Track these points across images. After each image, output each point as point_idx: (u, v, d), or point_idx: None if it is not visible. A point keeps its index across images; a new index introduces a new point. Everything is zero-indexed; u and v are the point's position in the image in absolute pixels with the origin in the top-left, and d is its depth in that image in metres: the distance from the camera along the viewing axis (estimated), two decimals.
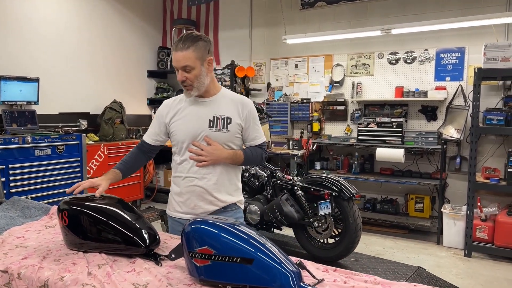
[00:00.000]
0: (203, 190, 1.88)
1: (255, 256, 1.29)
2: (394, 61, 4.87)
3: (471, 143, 3.96)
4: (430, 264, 3.72)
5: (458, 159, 4.51)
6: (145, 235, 1.59)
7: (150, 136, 2.01)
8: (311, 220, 3.31)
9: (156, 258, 1.55)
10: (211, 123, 1.86)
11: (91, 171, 4.90)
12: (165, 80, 6.65)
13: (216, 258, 1.31)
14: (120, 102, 5.55)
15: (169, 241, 1.81)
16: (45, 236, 1.84)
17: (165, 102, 2.00)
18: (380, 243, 4.35)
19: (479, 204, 4.03)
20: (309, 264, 1.49)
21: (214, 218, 1.45)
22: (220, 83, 5.62)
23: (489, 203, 4.22)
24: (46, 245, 1.72)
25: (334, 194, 3.20)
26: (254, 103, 4.29)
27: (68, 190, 1.76)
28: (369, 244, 4.26)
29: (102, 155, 5.06)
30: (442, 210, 4.29)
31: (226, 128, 1.87)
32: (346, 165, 5.06)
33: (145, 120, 6.38)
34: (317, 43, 5.22)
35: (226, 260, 1.30)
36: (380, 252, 4.05)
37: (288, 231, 3.82)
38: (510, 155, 3.77)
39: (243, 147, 1.99)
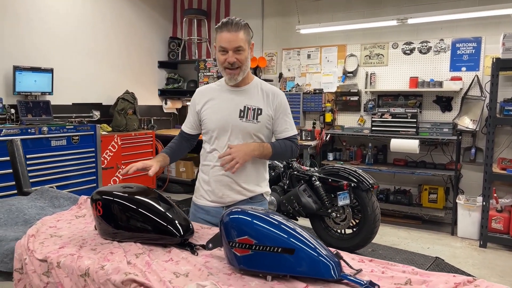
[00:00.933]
0: (231, 180, 1.89)
1: (296, 246, 1.30)
2: (408, 51, 4.83)
3: (488, 134, 3.94)
4: (446, 254, 3.73)
5: (473, 150, 4.49)
6: (179, 225, 1.61)
7: (187, 125, 2.05)
8: (329, 210, 3.32)
9: (192, 248, 1.56)
10: (242, 113, 1.85)
11: (105, 161, 4.93)
12: (175, 71, 6.64)
13: (257, 248, 1.32)
14: (132, 92, 5.56)
15: (200, 230, 1.82)
16: (76, 225, 1.86)
17: (198, 89, 2.01)
18: (394, 234, 4.36)
19: (495, 195, 4.03)
20: (344, 254, 1.50)
21: (252, 208, 1.46)
22: None
23: (504, 194, 4.21)
24: (79, 234, 1.74)
25: (352, 185, 3.21)
26: None
27: (121, 172, 1.80)
28: (383, 235, 4.28)
29: (115, 145, 5.08)
30: (457, 201, 4.28)
31: (256, 119, 1.86)
32: (359, 156, 5.05)
33: (156, 111, 6.39)
34: (330, 33, 5.18)
35: (267, 250, 1.31)
36: (395, 242, 4.06)
37: (304, 222, 3.82)
38: None
39: (273, 140, 1.98)
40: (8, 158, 3.82)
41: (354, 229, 3.36)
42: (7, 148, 2.28)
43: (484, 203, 3.98)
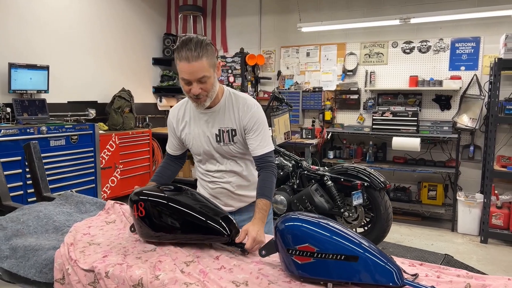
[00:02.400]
0: (229, 192, 1.90)
1: (360, 253, 1.29)
2: (408, 50, 4.89)
3: (489, 132, 4.03)
4: (451, 251, 3.81)
5: (471, 148, 4.60)
6: (226, 224, 1.58)
7: (171, 148, 2.01)
8: (342, 210, 3.33)
9: (243, 248, 1.54)
10: (218, 137, 1.80)
11: (103, 161, 4.81)
12: (170, 68, 6.53)
13: (319, 256, 1.30)
14: (129, 90, 5.43)
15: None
16: (110, 232, 1.80)
17: (171, 112, 1.93)
18: (396, 231, 4.42)
19: (496, 192, 4.13)
20: (394, 259, 1.50)
21: (304, 214, 1.44)
22: (230, 71, 5.58)
23: (502, 191, 4.33)
24: (117, 241, 1.68)
25: (366, 184, 3.23)
26: (275, 91, 4.26)
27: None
28: None
29: (113, 144, 4.96)
30: (458, 198, 4.38)
31: (232, 140, 1.80)
32: (359, 154, 5.10)
33: (151, 109, 6.28)
34: (329, 31, 5.19)
35: (330, 257, 1.29)
36: (399, 239, 4.12)
37: None
38: None
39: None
40: (7, 159, 3.72)
41: (365, 228, 3.39)
42: (24, 152, 2.18)
43: (485, 200, 4.08)
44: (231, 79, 5.63)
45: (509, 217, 4.05)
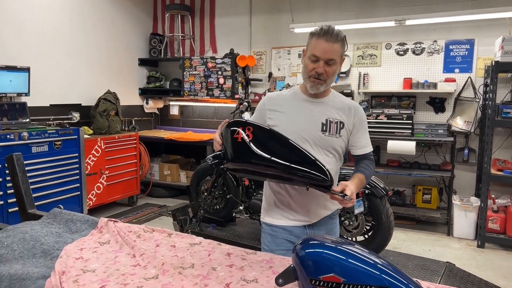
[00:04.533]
0: (316, 195, 1.74)
1: (391, 283, 1.17)
2: (402, 52, 4.83)
3: (486, 136, 3.99)
4: (450, 257, 3.75)
5: (466, 151, 4.56)
6: (326, 169, 1.54)
7: None
8: (342, 218, 3.23)
9: (343, 194, 1.53)
10: (324, 126, 1.73)
11: (88, 167, 4.59)
12: (157, 69, 6.33)
13: (347, 287, 1.18)
14: (114, 92, 5.22)
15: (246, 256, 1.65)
16: (104, 255, 1.64)
17: (269, 95, 1.87)
18: (392, 236, 4.34)
19: (493, 196, 4.10)
20: (420, 282, 1.39)
21: (325, 238, 1.31)
22: (220, 72, 5.43)
23: (497, 194, 4.30)
24: (114, 267, 1.52)
25: (367, 191, 3.13)
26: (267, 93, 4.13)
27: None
28: None
29: (99, 149, 4.75)
30: (453, 201, 4.33)
31: (339, 133, 1.74)
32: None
33: (137, 111, 6.07)
34: None
35: None
36: (396, 245, 4.05)
37: None
38: None
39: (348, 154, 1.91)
40: None
41: (366, 236, 3.30)
42: (5, 161, 1.99)
43: (482, 204, 4.04)
44: (221, 80, 5.47)
45: (506, 221, 4.02)
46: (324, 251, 1.24)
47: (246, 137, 1.53)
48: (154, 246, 1.73)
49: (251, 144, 1.53)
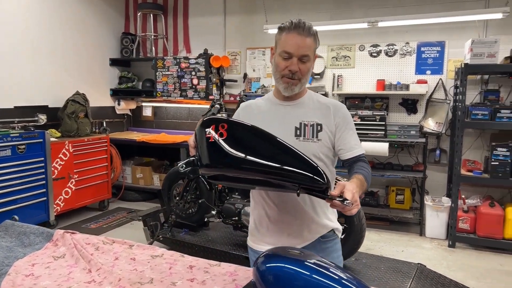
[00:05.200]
0: (301, 208, 1.56)
1: None
2: (375, 54, 4.85)
3: (456, 137, 4.04)
4: (421, 257, 3.78)
5: (437, 152, 4.62)
6: (321, 170, 1.26)
7: None
8: None
9: (342, 199, 1.21)
10: (298, 131, 1.56)
11: (55, 171, 4.42)
12: (129, 69, 6.17)
13: None
14: (83, 94, 5.05)
15: (209, 269, 1.58)
16: (58, 270, 1.54)
17: (245, 104, 1.72)
18: (366, 237, 4.33)
19: (463, 196, 4.16)
20: None
21: (288, 251, 1.26)
22: (194, 73, 5.33)
23: (467, 194, 4.37)
24: (66, 284, 1.43)
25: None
26: (242, 96, 4.06)
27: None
28: None
29: (67, 153, 4.58)
30: (425, 202, 4.38)
31: (316, 136, 1.55)
32: None
33: (109, 113, 5.91)
34: None
35: None
36: (369, 246, 4.06)
37: None
38: (494, 149, 3.90)
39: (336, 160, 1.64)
40: None
41: None
42: None
43: (452, 204, 4.10)
44: (195, 81, 5.38)
45: (475, 221, 4.08)
46: (286, 265, 1.19)
47: (216, 135, 1.30)
48: (112, 259, 1.64)
49: (222, 142, 1.29)
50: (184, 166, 3.55)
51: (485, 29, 4.37)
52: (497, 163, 3.87)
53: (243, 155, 1.28)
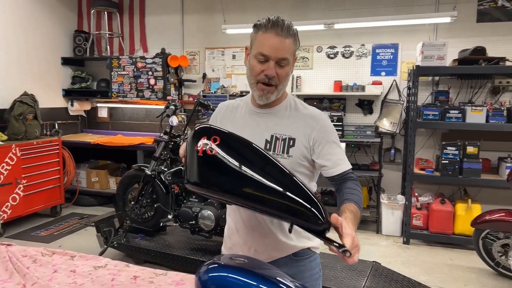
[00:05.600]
0: (267, 231, 1.44)
1: None
2: (332, 55, 4.92)
3: (409, 137, 4.16)
4: (377, 255, 3.86)
5: (392, 151, 4.75)
6: (322, 206, 1.10)
7: None
8: None
9: (341, 247, 1.05)
10: (268, 144, 1.41)
11: (1, 177, 4.17)
12: (82, 68, 5.92)
13: None
14: (32, 94, 4.80)
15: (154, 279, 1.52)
16: None
17: (221, 104, 1.59)
18: None
19: (416, 194, 4.30)
20: None
21: (231, 259, 1.22)
22: (150, 73, 5.19)
23: (421, 192, 4.52)
24: None
25: None
26: (200, 97, 3.97)
27: None
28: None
29: (14, 157, 4.32)
30: (381, 200, 4.49)
31: (287, 152, 1.40)
32: None
33: (61, 114, 5.65)
34: None
35: None
36: (327, 246, 4.10)
37: None
38: (444, 148, 4.05)
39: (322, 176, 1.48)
40: None
41: None
42: None
43: (406, 202, 4.22)
44: (152, 81, 5.24)
45: (428, 217, 4.23)
46: (229, 275, 1.16)
47: (206, 148, 1.13)
48: (51, 272, 1.54)
49: (213, 158, 1.12)
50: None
51: (435, 33, 4.54)
52: (447, 161, 4.02)
53: (234, 178, 1.12)
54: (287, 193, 1.09)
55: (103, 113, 5.97)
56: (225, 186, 1.14)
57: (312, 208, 1.09)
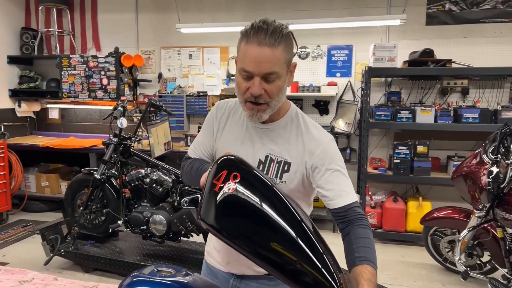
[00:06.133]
0: None
1: None
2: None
3: (363, 137, 4.24)
4: (334, 254, 3.90)
5: (348, 151, 4.82)
6: (336, 273, 0.95)
7: (196, 151, 1.42)
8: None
9: None
10: (261, 165, 1.28)
11: None
12: (31, 67, 5.64)
13: None
14: None
15: None
16: None
17: (218, 105, 1.41)
18: None
19: (370, 193, 4.38)
20: None
21: (157, 271, 1.16)
22: (103, 73, 5.01)
23: (374, 190, 4.62)
24: None
25: None
26: (152, 98, 3.85)
27: None
28: None
29: None
30: None
31: (281, 177, 1.27)
32: None
33: (7, 116, 5.36)
34: (212, 34, 4.97)
35: None
36: None
37: (197, 237, 3.58)
38: (396, 148, 4.15)
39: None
40: None
41: None
42: None
43: (361, 200, 4.29)
44: (105, 81, 5.06)
45: (382, 216, 4.32)
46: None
47: (226, 187, 0.97)
48: None
49: (228, 198, 0.96)
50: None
51: (387, 35, 4.64)
52: (399, 160, 4.13)
53: (243, 226, 0.96)
54: (311, 256, 0.93)
55: (53, 114, 5.71)
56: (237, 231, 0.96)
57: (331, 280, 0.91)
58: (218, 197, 0.96)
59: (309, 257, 0.94)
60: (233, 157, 1.04)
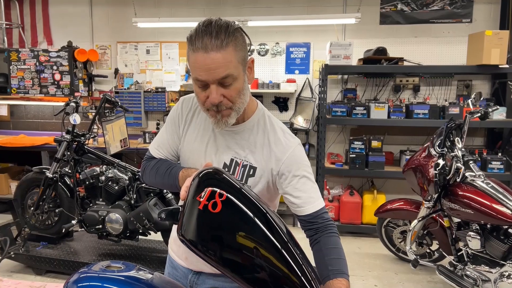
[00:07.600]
0: None
1: None
2: (249, 53, 4.93)
3: (320, 133, 4.34)
4: None
5: (307, 146, 4.91)
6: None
7: (161, 150, 1.37)
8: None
9: None
10: (226, 168, 1.24)
11: None
12: None
13: None
14: None
15: None
16: None
17: (185, 99, 1.33)
18: None
19: (328, 187, 4.49)
20: None
21: (106, 267, 1.15)
22: (56, 68, 4.82)
23: (332, 184, 4.75)
24: None
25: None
26: (107, 93, 3.75)
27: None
28: None
29: None
30: None
31: (246, 181, 1.24)
32: None
33: None
34: (170, 29, 4.90)
35: None
36: None
37: (155, 236, 3.52)
38: (351, 143, 4.28)
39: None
40: None
41: None
42: None
43: None
44: (57, 76, 4.86)
45: (339, 209, 4.45)
46: (104, 285, 1.08)
47: (209, 204, 0.94)
48: None
49: (214, 217, 0.95)
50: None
51: (344, 33, 4.77)
52: (355, 155, 4.26)
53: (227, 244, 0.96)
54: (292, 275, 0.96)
55: (2, 111, 5.42)
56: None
57: None
58: (202, 215, 0.95)
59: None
60: (216, 172, 1.02)
